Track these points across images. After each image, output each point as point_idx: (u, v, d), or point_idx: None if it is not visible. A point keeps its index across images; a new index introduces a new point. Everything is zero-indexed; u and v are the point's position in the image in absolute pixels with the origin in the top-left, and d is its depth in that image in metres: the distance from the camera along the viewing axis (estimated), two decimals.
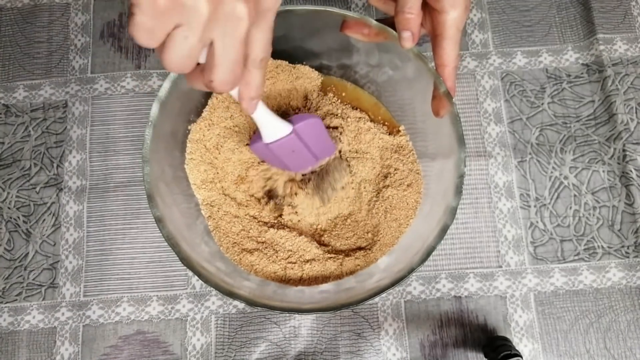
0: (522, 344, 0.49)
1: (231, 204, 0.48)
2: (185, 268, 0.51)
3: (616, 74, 0.55)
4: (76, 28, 0.59)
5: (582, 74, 0.55)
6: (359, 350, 0.49)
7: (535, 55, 0.56)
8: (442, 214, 0.40)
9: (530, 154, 0.53)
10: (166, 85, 0.41)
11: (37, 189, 0.54)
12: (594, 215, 0.52)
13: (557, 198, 0.52)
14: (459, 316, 0.50)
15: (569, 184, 0.52)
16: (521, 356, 0.43)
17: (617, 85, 0.54)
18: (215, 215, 0.47)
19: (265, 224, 0.48)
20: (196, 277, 0.49)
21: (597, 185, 0.52)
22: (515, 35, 0.57)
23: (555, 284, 0.50)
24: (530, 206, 0.52)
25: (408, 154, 0.49)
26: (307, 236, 0.47)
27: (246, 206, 0.48)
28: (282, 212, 0.47)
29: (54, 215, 0.53)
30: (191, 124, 0.47)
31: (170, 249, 0.39)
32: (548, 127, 0.54)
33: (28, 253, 0.52)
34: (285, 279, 0.46)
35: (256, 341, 0.50)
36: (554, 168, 0.53)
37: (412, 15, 0.39)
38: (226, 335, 0.50)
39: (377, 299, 0.50)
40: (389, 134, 0.50)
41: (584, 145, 0.53)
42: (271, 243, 0.47)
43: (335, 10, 0.42)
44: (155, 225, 0.39)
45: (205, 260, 0.42)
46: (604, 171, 0.53)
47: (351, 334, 0.49)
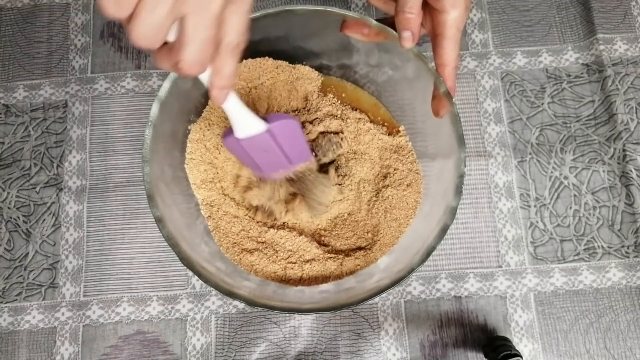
0: (522, 344, 0.49)
1: (231, 204, 0.48)
2: (185, 268, 0.51)
3: (616, 74, 0.55)
4: (76, 28, 0.59)
5: (582, 74, 0.55)
6: (359, 350, 0.49)
7: (535, 55, 0.56)
8: (442, 214, 0.40)
9: (530, 154, 0.53)
10: (166, 85, 0.41)
11: (37, 189, 0.54)
12: (594, 215, 0.52)
13: (557, 198, 0.52)
14: (459, 316, 0.50)
15: (569, 184, 0.52)
16: (521, 356, 0.43)
17: (617, 85, 0.54)
18: (215, 215, 0.47)
19: (265, 224, 0.48)
20: (196, 277, 0.49)
21: (597, 185, 0.52)
22: (515, 35, 0.57)
23: (555, 284, 0.50)
24: (530, 206, 0.52)
25: (407, 154, 0.49)
26: (307, 236, 0.47)
27: (247, 208, 0.48)
28: (275, 217, 0.47)
29: (54, 215, 0.53)
30: (191, 124, 0.47)
31: (170, 249, 0.39)
32: (548, 127, 0.54)
33: (28, 253, 0.52)
34: (285, 279, 0.46)
35: (256, 341, 0.49)
36: (554, 168, 0.53)
37: (413, 15, 0.39)
38: (226, 335, 0.50)
39: (377, 299, 0.50)
40: (388, 135, 0.50)
41: (584, 145, 0.53)
42: (271, 243, 0.47)
43: (335, 10, 0.42)
44: (155, 225, 0.39)
45: (205, 260, 0.42)
46: (604, 171, 0.53)
47: (351, 334, 0.49)
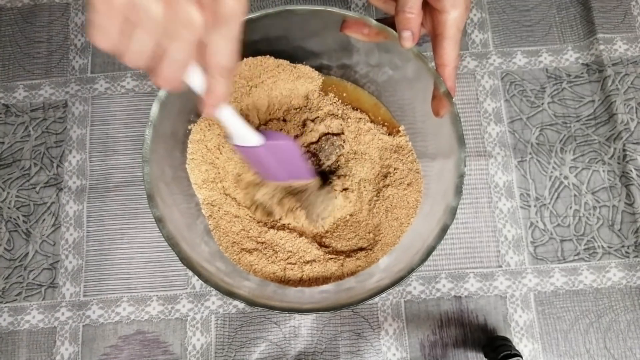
0: (522, 344, 0.49)
1: (232, 204, 0.48)
2: (185, 268, 0.51)
3: (616, 73, 0.55)
4: (76, 28, 0.59)
5: (582, 73, 0.55)
6: (359, 350, 0.49)
7: (535, 55, 0.56)
8: (442, 214, 0.40)
9: (530, 153, 0.53)
10: None
11: (37, 189, 0.54)
12: (594, 215, 0.52)
13: (557, 198, 0.52)
14: (459, 316, 0.50)
15: (569, 183, 0.52)
16: (521, 356, 0.43)
17: (617, 85, 0.54)
18: (216, 214, 0.47)
19: (266, 224, 0.48)
20: (196, 277, 0.49)
21: (597, 185, 0.52)
22: (515, 35, 0.57)
23: (555, 283, 0.50)
24: (530, 206, 0.52)
25: (407, 153, 0.49)
26: (308, 237, 0.47)
27: (247, 207, 0.48)
28: (274, 217, 0.47)
29: (53, 215, 0.53)
30: (191, 124, 0.47)
31: (170, 249, 0.39)
32: (548, 127, 0.54)
33: (28, 253, 0.52)
34: (284, 280, 0.46)
35: (256, 341, 0.49)
36: (554, 168, 0.53)
37: (413, 14, 0.39)
38: (226, 335, 0.50)
39: (377, 299, 0.50)
40: (388, 135, 0.50)
41: (584, 145, 0.53)
42: (271, 244, 0.47)
43: (335, 10, 0.42)
44: (155, 225, 0.39)
45: (205, 260, 0.42)
46: (604, 171, 0.53)
47: (351, 334, 0.49)
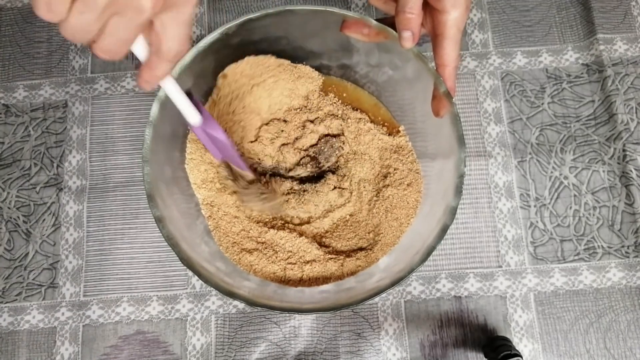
0: (522, 344, 0.49)
1: (231, 205, 0.48)
2: (185, 268, 0.51)
3: (616, 74, 0.55)
4: None
5: (582, 74, 0.55)
6: (359, 350, 0.49)
7: (535, 55, 0.56)
8: (442, 214, 0.40)
9: (530, 154, 0.53)
10: None
11: (37, 189, 0.54)
12: (594, 215, 0.52)
13: (557, 198, 0.52)
14: (459, 316, 0.50)
15: (569, 184, 0.52)
16: (521, 356, 0.43)
17: (617, 85, 0.54)
18: (216, 215, 0.47)
19: (266, 224, 0.48)
20: (196, 277, 0.49)
21: (597, 185, 0.52)
22: (515, 35, 0.57)
23: (555, 284, 0.50)
24: (530, 206, 0.52)
25: (407, 154, 0.49)
26: (308, 237, 0.47)
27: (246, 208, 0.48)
28: (252, 206, 0.47)
29: (54, 215, 0.53)
30: None
31: (170, 249, 0.39)
32: (548, 127, 0.54)
33: (28, 253, 0.52)
34: (284, 280, 0.46)
35: (256, 341, 0.49)
36: (554, 168, 0.53)
37: (413, 15, 0.39)
38: (226, 335, 0.50)
39: (377, 299, 0.50)
40: (388, 135, 0.50)
41: (584, 145, 0.53)
42: (271, 244, 0.47)
43: (335, 10, 0.42)
44: (155, 225, 0.39)
45: (205, 260, 0.42)
46: (604, 171, 0.53)
47: (351, 334, 0.49)
